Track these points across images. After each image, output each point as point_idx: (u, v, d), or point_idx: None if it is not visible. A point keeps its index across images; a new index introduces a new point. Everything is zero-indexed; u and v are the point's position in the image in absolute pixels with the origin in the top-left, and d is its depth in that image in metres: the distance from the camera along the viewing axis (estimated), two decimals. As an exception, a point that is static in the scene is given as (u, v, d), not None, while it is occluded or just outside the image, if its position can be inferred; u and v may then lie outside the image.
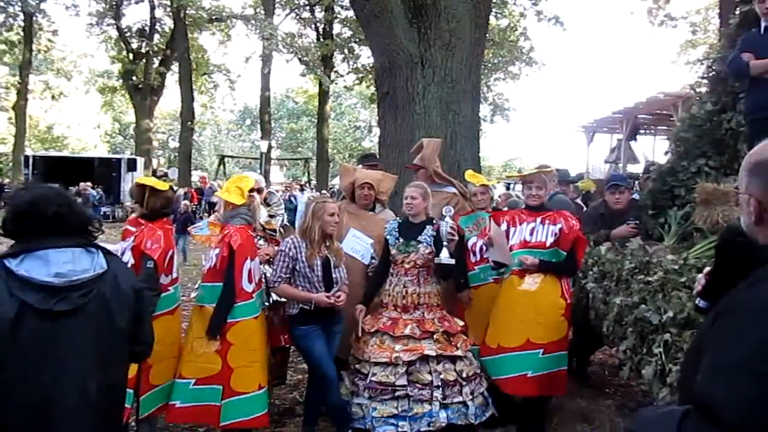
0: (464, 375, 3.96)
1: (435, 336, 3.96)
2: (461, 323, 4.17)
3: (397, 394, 3.83)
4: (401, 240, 4.15)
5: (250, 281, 3.77)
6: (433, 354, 3.88)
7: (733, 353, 1.19)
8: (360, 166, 5.71)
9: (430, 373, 3.87)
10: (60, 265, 2.10)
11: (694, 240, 4.16)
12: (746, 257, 1.41)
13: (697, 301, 1.67)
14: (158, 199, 3.81)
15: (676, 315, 2.95)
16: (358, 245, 4.51)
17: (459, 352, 3.98)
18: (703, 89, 5.98)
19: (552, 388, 4.09)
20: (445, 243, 4.06)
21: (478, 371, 4.10)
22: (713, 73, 5.64)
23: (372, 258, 4.49)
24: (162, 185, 3.88)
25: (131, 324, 2.27)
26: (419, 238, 4.13)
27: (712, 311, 1.42)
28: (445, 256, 4.02)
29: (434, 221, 4.23)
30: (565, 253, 4.05)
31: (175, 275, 3.91)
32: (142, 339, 2.39)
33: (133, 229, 3.78)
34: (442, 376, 3.89)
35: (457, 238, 4.14)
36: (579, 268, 4.27)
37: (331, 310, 3.92)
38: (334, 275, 3.98)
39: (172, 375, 3.79)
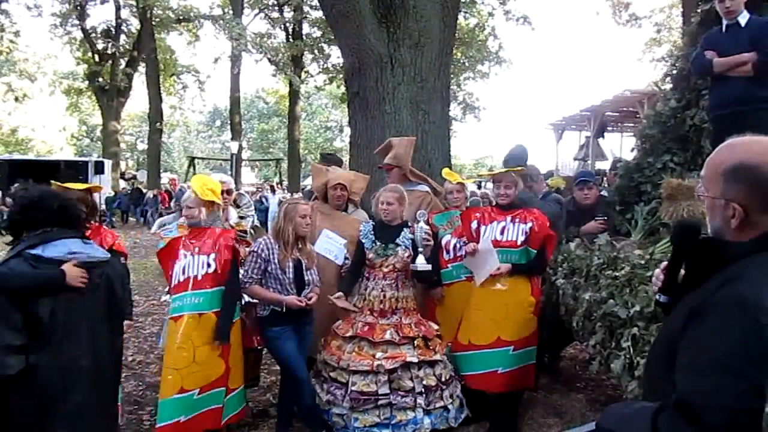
0: (443, 379, 3.97)
1: (415, 341, 3.94)
2: (436, 327, 4.16)
3: (379, 402, 3.79)
4: (378, 243, 4.13)
5: None
6: (415, 360, 3.86)
7: (714, 352, 1.20)
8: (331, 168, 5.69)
9: (411, 379, 3.85)
10: (76, 248, 2.65)
11: (661, 235, 4.22)
12: (711, 255, 1.42)
13: (657, 297, 1.67)
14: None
15: (643, 309, 3.00)
16: (331, 246, 4.49)
17: (437, 356, 3.98)
18: (668, 86, 6.08)
19: (522, 382, 4.13)
20: (420, 249, 4.06)
21: (453, 373, 4.10)
22: (677, 70, 5.74)
23: (345, 258, 4.47)
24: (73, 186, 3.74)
25: (125, 300, 2.98)
26: (397, 240, 4.13)
27: (681, 308, 1.42)
28: (421, 263, 4.05)
29: (410, 224, 4.21)
30: (534, 252, 4.08)
31: None
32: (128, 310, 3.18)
33: None
34: (424, 382, 3.87)
35: (432, 243, 4.17)
36: (546, 266, 4.32)
37: (302, 311, 3.90)
38: (306, 277, 3.96)
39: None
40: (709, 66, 4.22)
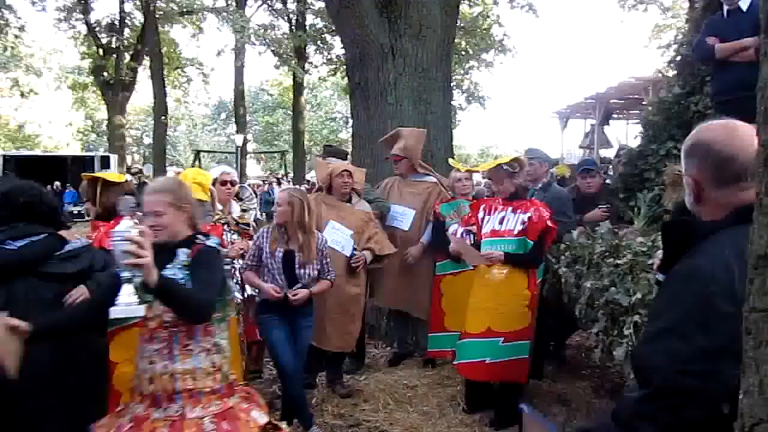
0: None
1: None
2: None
3: None
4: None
5: None
6: None
7: (665, 318, 1.28)
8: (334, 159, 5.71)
9: None
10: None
11: (664, 222, 4.22)
12: (688, 233, 1.48)
13: (657, 275, 1.75)
14: (113, 193, 3.31)
15: (644, 296, 3.00)
16: (338, 237, 4.53)
17: None
18: (672, 73, 6.06)
19: (511, 375, 4.10)
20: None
21: None
22: (680, 57, 5.71)
23: (353, 249, 4.51)
24: (117, 177, 3.50)
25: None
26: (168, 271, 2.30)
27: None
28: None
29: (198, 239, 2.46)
30: (532, 243, 4.06)
31: None
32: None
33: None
34: None
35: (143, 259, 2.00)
36: (542, 260, 4.27)
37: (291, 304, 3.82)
38: (297, 272, 3.88)
39: None
40: (711, 52, 4.20)
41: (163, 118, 26.73)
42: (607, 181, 5.86)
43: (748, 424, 0.83)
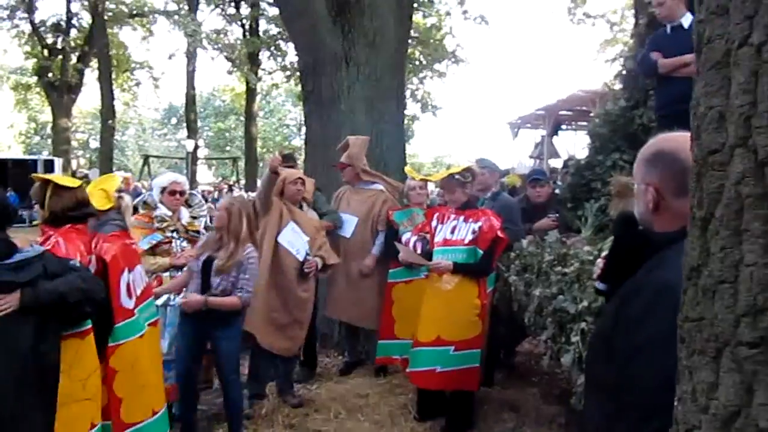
0: None
1: None
2: None
3: None
4: None
5: (129, 296, 3.23)
6: None
7: (643, 333, 1.25)
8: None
9: None
10: None
11: (610, 231, 4.32)
12: (642, 245, 1.48)
13: (597, 284, 1.75)
14: (62, 199, 3.08)
15: (590, 304, 3.06)
16: (295, 239, 4.53)
17: None
18: (617, 86, 6.23)
19: (462, 383, 4.12)
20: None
21: None
22: (626, 71, 5.88)
23: (307, 254, 4.51)
24: (70, 181, 3.25)
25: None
26: None
27: (615, 299, 1.48)
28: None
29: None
30: (482, 252, 4.10)
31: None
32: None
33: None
34: None
35: None
36: (493, 270, 4.32)
37: (205, 313, 3.70)
38: (211, 279, 3.76)
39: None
40: (655, 67, 4.34)
41: (110, 121, 26.08)
42: (556, 190, 5.98)
43: (682, 431, 0.85)
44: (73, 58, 27.54)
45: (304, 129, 7.65)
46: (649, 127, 5.07)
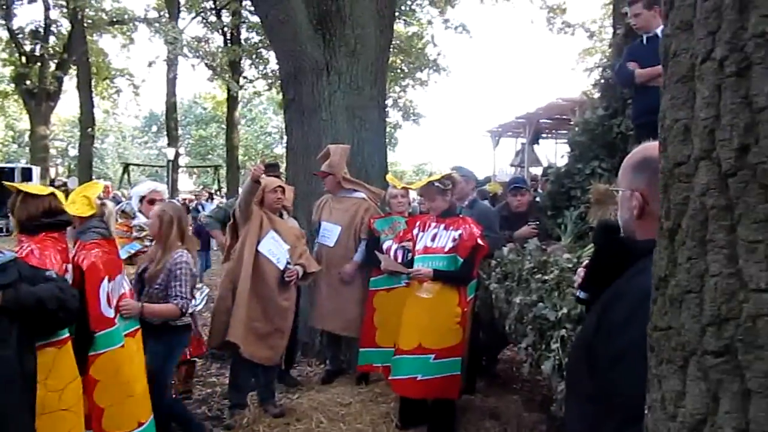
0: None
1: None
2: None
3: None
4: None
5: (110, 305, 3.20)
6: None
7: (626, 338, 1.25)
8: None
9: None
10: None
11: (589, 238, 4.36)
12: (624, 253, 1.48)
13: (577, 293, 1.75)
14: (28, 207, 3.03)
15: (570, 311, 3.08)
16: (275, 248, 4.51)
17: None
18: (596, 95, 6.31)
19: (443, 392, 4.12)
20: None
21: None
22: (604, 80, 5.96)
23: (287, 263, 4.49)
24: (38, 189, 3.21)
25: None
26: None
27: (596, 306, 1.47)
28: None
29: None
30: (462, 260, 4.12)
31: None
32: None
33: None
34: None
35: None
36: (473, 277, 4.34)
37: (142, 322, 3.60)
38: (145, 288, 3.73)
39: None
40: (631, 77, 4.40)
41: (89, 129, 25.83)
42: (537, 198, 6.02)
43: (652, 439, 0.86)
44: (52, 66, 27.26)
45: (285, 137, 7.65)
46: (627, 135, 5.14)
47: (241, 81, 26.70)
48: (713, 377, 0.70)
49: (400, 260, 4.56)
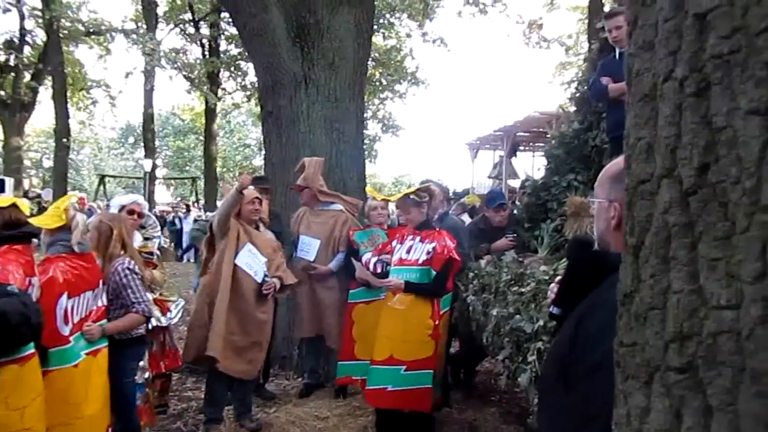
0: None
1: None
2: None
3: None
4: None
5: (66, 322, 3.11)
6: None
7: (600, 349, 1.23)
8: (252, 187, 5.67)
9: None
10: None
11: (565, 251, 4.40)
12: (598, 266, 1.48)
13: (551, 309, 1.74)
14: None
15: (546, 323, 3.10)
16: (252, 261, 4.49)
17: None
18: (572, 109, 6.40)
19: (413, 404, 4.12)
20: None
21: None
22: (579, 94, 6.04)
23: (265, 276, 4.47)
24: (1, 201, 3.13)
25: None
26: None
27: (570, 319, 1.46)
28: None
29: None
30: (435, 273, 4.12)
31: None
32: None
33: None
34: None
35: None
36: (448, 290, 4.33)
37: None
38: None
39: None
40: (605, 91, 4.47)
41: (65, 140, 25.51)
42: (515, 211, 6.07)
43: (619, 455, 0.86)
44: (27, 76, 26.93)
45: (264, 149, 7.63)
46: (602, 149, 5.21)
47: (220, 93, 26.60)
48: (676, 393, 0.71)
49: (379, 272, 4.56)
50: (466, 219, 7.47)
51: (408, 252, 4.18)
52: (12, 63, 26.67)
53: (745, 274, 0.63)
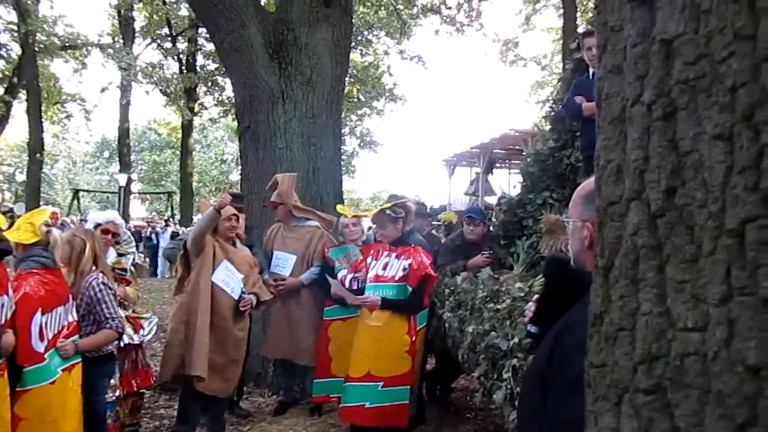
0: None
1: None
2: None
3: None
4: None
5: (41, 339, 3.06)
6: None
7: (576, 368, 1.22)
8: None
9: None
10: None
11: (541, 268, 4.42)
12: (574, 283, 1.49)
13: (528, 327, 1.75)
14: None
15: (521, 340, 3.11)
16: (229, 279, 4.45)
17: None
18: (547, 127, 6.47)
19: (391, 420, 4.11)
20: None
21: None
22: (554, 112, 6.12)
23: (242, 292, 4.43)
24: None
25: None
26: None
27: (550, 335, 1.48)
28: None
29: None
30: (411, 289, 4.13)
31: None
32: None
33: None
34: None
35: None
36: (425, 306, 4.33)
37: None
38: None
39: None
40: (579, 110, 4.53)
41: (38, 154, 25.16)
42: (491, 228, 6.09)
43: (588, 477, 0.87)
44: (0, 90, 26.59)
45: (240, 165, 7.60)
46: (576, 167, 5.27)
47: (197, 108, 26.47)
48: (645, 415, 0.71)
49: (355, 289, 4.55)
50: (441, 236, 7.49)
51: (384, 268, 4.19)
52: (-15, 76, 26.31)
53: (711, 296, 0.64)
